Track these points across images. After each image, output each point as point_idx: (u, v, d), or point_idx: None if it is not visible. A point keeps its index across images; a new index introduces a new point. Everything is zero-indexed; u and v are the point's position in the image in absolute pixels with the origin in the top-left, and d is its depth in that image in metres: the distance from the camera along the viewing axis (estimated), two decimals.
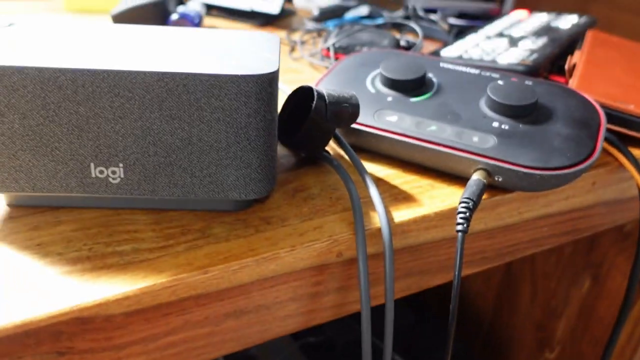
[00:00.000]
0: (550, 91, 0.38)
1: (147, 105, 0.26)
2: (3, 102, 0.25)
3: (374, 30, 0.54)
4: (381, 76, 0.39)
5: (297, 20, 0.69)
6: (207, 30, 0.35)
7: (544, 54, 0.50)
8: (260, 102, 0.26)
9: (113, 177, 0.27)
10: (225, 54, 0.28)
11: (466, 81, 0.40)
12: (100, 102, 0.25)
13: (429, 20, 0.65)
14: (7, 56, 0.25)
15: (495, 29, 0.59)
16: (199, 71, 0.25)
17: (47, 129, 0.26)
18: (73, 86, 0.25)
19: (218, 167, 0.27)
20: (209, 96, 0.26)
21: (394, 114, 0.37)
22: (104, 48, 0.28)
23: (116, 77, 0.25)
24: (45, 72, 0.25)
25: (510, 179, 0.33)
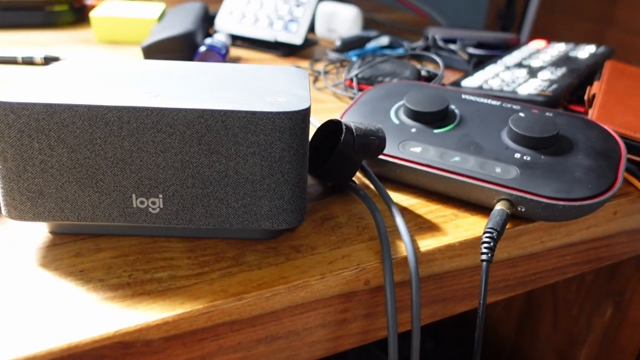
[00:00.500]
0: (571, 123, 0.39)
1: (187, 140, 0.27)
2: (54, 136, 0.27)
3: (395, 61, 0.56)
4: (405, 108, 0.40)
5: (319, 50, 0.71)
6: (239, 65, 0.36)
7: (563, 84, 0.51)
8: (294, 137, 0.28)
9: (153, 207, 0.29)
10: (258, 90, 0.30)
11: (488, 113, 0.41)
12: (144, 137, 0.27)
13: (449, 50, 0.66)
14: (57, 94, 0.27)
15: (515, 59, 0.60)
16: (237, 108, 0.27)
17: (93, 162, 0.27)
18: (119, 122, 0.27)
19: (252, 198, 0.29)
20: (245, 132, 0.27)
21: (418, 145, 0.38)
22: (146, 84, 0.30)
23: (159, 114, 0.27)
24: (94, 110, 0.26)
25: (533, 210, 0.34)
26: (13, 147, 0.27)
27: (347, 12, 0.71)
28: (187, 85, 0.30)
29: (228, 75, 0.33)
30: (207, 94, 0.29)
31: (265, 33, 0.66)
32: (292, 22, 0.66)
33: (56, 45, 0.67)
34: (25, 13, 0.72)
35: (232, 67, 0.35)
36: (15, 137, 0.27)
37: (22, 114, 0.26)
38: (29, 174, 0.28)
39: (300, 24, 0.65)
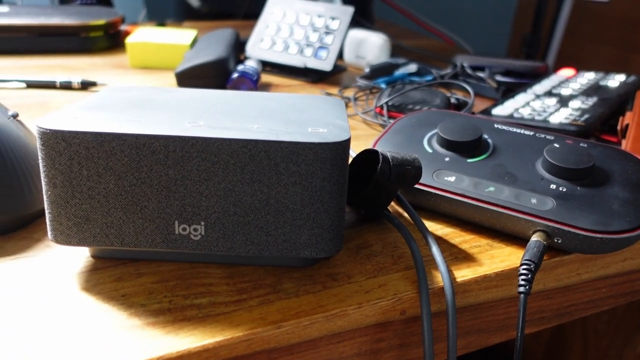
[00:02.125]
0: (606, 154, 0.39)
1: (230, 169, 0.28)
2: (102, 164, 0.28)
3: (425, 89, 0.56)
4: (438, 137, 0.41)
5: (348, 77, 0.72)
6: (275, 93, 0.37)
7: (595, 114, 0.50)
8: (334, 167, 0.28)
9: (195, 234, 0.29)
10: (299, 120, 0.30)
11: (521, 142, 0.41)
12: (188, 166, 0.28)
13: (477, 77, 0.67)
14: (106, 122, 0.28)
15: (544, 88, 0.60)
16: (280, 139, 0.27)
17: (139, 189, 0.28)
18: (165, 151, 0.27)
19: (292, 227, 0.29)
20: (287, 162, 0.28)
21: (452, 174, 0.38)
22: (189, 113, 0.30)
23: (204, 144, 0.27)
24: (141, 139, 0.27)
25: (570, 242, 0.34)
26: (62, 174, 0.28)
27: (376, 39, 0.72)
28: (228, 113, 0.31)
29: (267, 104, 0.34)
30: (249, 124, 0.29)
31: (296, 60, 0.67)
32: (322, 49, 0.67)
33: (92, 70, 0.69)
34: (62, 39, 0.74)
35: (269, 96, 0.36)
36: (65, 164, 0.28)
37: (73, 142, 0.27)
38: (76, 200, 0.28)
39: (330, 51, 0.66)
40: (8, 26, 0.71)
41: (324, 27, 0.68)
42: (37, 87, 0.61)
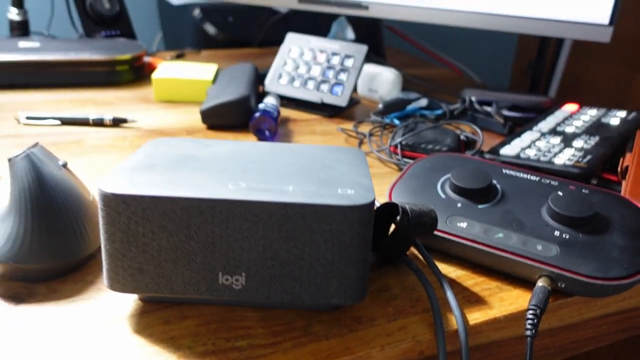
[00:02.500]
0: (607, 200, 0.43)
1: (269, 228, 0.31)
2: (156, 223, 0.31)
3: (436, 128, 0.60)
4: (451, 183, 0.44)
5: (361, 109, 0.76)
6: (303, 147, 0.41)
7: (597, 155, 0.54)
8: (362, 225, 0.32)
9: (236, 284, 0.33)
10: (328, 179, 0.34)
11: (528, 188, 0.44)
12: (232, 224, 0.31)
13: (485, 112, 0.70)
14: (159, 186, 0.32)
15: (549, 125, 0.64)
16: (314, 202, 0.31)
17: (188, 245, 0.32)
18: (212, 212, 0.31)
19: (323, 278, 0.32)
20: (320, 221, 0.31)
21: (464, 220, 0.41)
22: (231, 172, 0.34)
23: (246, 206, 0.31)
24: (191, 201, 0.31)
25: (572, 286, 0.37)
26: (121, 231, 0.32)
27: (388, 74, 0.76)
28: (265, 172, 0.35)
29: (298, 159, 0.37)
30: (284, 185, 0.33)
31: (313, 95, 0.71)
32: (337, 85, 0.71)
33: (120, 103, 0.73)
34: (90, 73, 0.78)
35: (298, 150, 0.40)
36: (123, 222, 0.31)
37: (131, 204, 0.31)
38: (132, 253, 0.32)
39: (345, 87, 0.70)
40: (41, 62, 0.75)
41: (340, 64, 0.72)
42: (71, 124, 0.64)
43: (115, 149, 0.59)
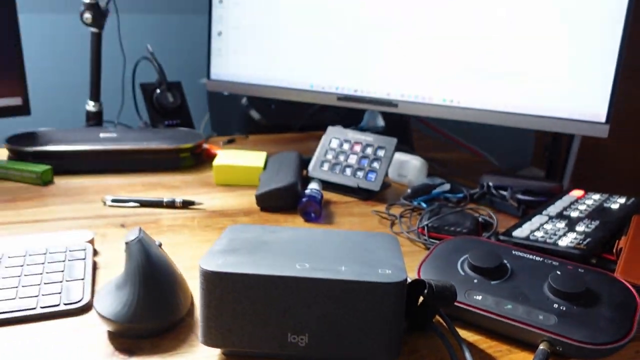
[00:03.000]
0: (598, 279, 0.52)
1: (327, 298, 0.42)
2: (242, 294, 0.42)
3: (458, 212, 0.70)
4: (469, 263, 0.54)
5: (392, 192, 0.87)
6: (347, 232, 0.51)
7: (596, 237, 0.63)
8: (397, 298, 0.42)
9: (301, 342, 0.43)
10: (371, 262, 0.44)
11: (533, 267, 0.54)
12: (300, 296, 0.42)
13: (501, 196, 0.80)
14: (245, 266, 0.43)
15: (557, 209, 0.73)
16: (362, 279, 0.41)
17: (265, 311, 0.42)
18: (285, 286, 0.42)
19: (366, 339, 0.42)
20: (366, 294, 0.41)
21: (479, 294, 0.51)
22: (296, 255, 0.45)
23: (312, 282, 0.41)
24: (270, 278, 0.41)
25: (568, 350, 0.46)
26: (216, 300, 0.42)
27: (415, 162, 0.87)
28: (322, 255, 0.45)
29: (346, 244, 0.48)
30: (338, 265, 0.43)
31: (350, 181, 0.83)
32: (371, 172, 0.82)
33: (185, 187, 0.85)
34: (158, 159, 0.92)
35: (345, 235, 0.50)
36: (218, 292, 0.42)
37: (224, 279, 0.42)
38: (223, 317, 0.43)
39: (378, 174, 0.82)
40: (119, 150, 0.89)
41: (373, 154, 0.83)
42: (148, 206, 0.77)
43: (186, 228, 0.71)
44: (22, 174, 0.84)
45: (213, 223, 0.73)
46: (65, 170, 0.88)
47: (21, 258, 0.57)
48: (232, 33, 0.99)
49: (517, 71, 0.82)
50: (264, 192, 0.76)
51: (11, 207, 0.75)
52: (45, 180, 0.84)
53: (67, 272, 0.56)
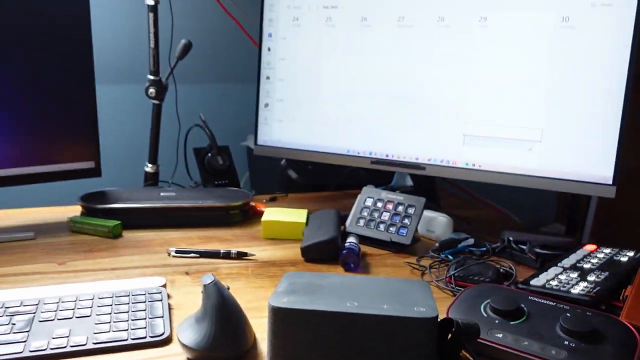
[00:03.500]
0: (604, 321, 0.60)
1: (373, 331, 0.51)
2: (303, 325, 0.52)
3: (481, 264, 0.79)
4: (490, 306, 0.63)
5: (421, 246, 0.96)
6: (389, 279, 0.61)
7: (604, 287, 0.71)
8: (431, 331, 0.51)
9: None
10: (409, 302, 0.54)
11: (546, 310, 0.62)
12: (351, 328, 0.51)
13: (520, 250, 0.89)
14: (304, 303, 0.52)
15: (571, 261, 0.82)
16: (403, 315, 0.51)
17: (323, 341, 0.52)
18: (339, 320, 0.51)
19: None
20: (404, 327, 0.51)
21: (500, 332, 0.60)
22: (346, 296, 0.55)
23: (361, 317, 0.51)
24: (326, 313, 0.51)
25: None
26: (282, 332, 0.52)
27: (442, 219, 0.97)
28: (367, 296, 0.55)
29: (385, 288, 0.58)
30: (381, 303, 0.53)
31: (384, 235, 0.93)
32: (403, 228, 0.92)
33: (236, 240, 0.96)
34: (211, 216, 1.03)
35: (384, 282, 0.60)
36: (283, 325, 0.52)
37: (289, 313, 0.52)
38: (287, 346, 0.52)
39: (409, 230, 0.91)
40: (178, 207, 1.01)
41: (404, 211, 0.94)
42: (207, 257, 0.88)
43: (242, 276, 0.81)
44: (96, 228, 0.96)
45: (264, 272, 0.83)
46: (132, 225, 1.00)
47: (109, 299, 0.68)
48: (277, 105, 1.12)
49: (530, 138, 0.93)
50: (308, 245, 0.87)
51: (90, 257, 0.87)
52: (116, 234, 0.96)
53: (149, 310, 0.66)
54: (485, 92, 0.96)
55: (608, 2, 0.85)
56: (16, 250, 0.89)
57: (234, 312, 0.60)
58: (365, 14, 1.03)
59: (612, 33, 0.86)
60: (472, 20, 0.95)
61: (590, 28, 0.87)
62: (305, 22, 1.08)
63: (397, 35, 1.01)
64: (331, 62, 1.07)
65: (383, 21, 1.02)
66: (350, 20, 1.04)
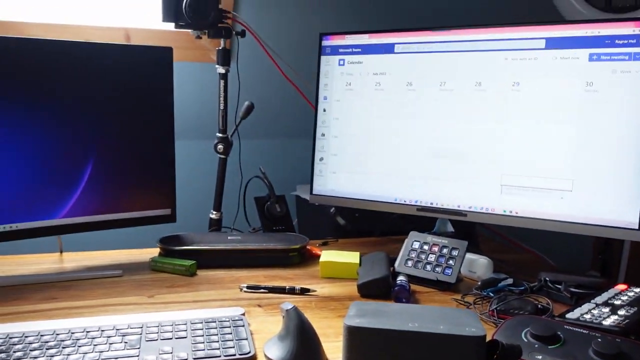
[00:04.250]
0: (632, 346, 0.69)
1: (432, 347, 0.62)
2: (373, 341, 0.63)
3: (521, 299, 0.89)
4: (530, 333, 0.73)
5: (464, 285, 1.06)
6: (440, 308, 0.72)
7: (633, 319, 0.80)
8: (480, 347, 0.61)
9: None
10: (461, 324, 0.64)
11: (580, 337, 0.72)
12: (413, 344, 0.62)
13: (556, 289, 0.98)
14: (373, 323, 0.64)
15: (603, 299, 0.91)
16: (455, 333, 0.61)
17: (387, 354, 0.63)
18: (405, 337, 0.62)
19: None
20: (458, 344, 0.61)
21: (539, 354, 0.69)
22: (407, 319, 0.65)
23: (422, 334, 0.62)
24: (394, 331, 0.62)
25: None
26: (355, 347, 0.63)
27: (483, 261, 1.07)
28: (425, 319, 0.66)
29: (439, 314, 0.68)
30: (438, 325, 0.64)
31: (430, 275, 1.03)
32: (447, 268, 1.03)
33: (296, 278, 1.08)
34: (272, 256, 1.16)
35: (438, 309, 0.71)
36: (355, 340, 0.63)
37: (362, 331, 0.63)
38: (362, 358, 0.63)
39: (453, 270, 1.02)
40: (245, 249, 1.14)
41: (448, 253, 1.04)
42: (274, 292, 1.00)
43: (307, 309, 0.92)
44: (175, 267, 1.10)
45: (326, 305, 0.94)
46: (204, 264, 1.13)
47: (200, 324, 0.80)
48: (331, 158, 1.26)
49: (562, 188, 1.04)
50: (364, 282, 0.98)
51: (173, 291, 1.00)
52: (192, 272, 1.09)
53: (234, 334, 0.78)
54: (520, 148, 1.07)
55: (627, 69, 0.97)
56: (108, 286, 1.03)
57: (311, 332, 0.71)
58: (411, 79, 1.17)
59: (632, 96, 0.97)
60: (506, 85, 1.08)
61: (612, 91, 0.99)
62: (357, 86, 1.23)
63: (439, 98, 1.15)
64: (380, 121, 1.21)
65: (426, 86, 1.16)
66: (397, 85, 1.19)
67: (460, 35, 1.12)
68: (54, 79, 1.03)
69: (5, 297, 0.95)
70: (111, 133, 1.10)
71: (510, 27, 1.08)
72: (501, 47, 1.08)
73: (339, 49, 1.25)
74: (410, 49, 1.17)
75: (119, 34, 1.39)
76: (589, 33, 1.01)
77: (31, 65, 1.00)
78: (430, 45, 1.15)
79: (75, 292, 0.99)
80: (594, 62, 1.01)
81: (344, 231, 1.51)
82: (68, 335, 0.76)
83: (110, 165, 1.11)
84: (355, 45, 1.23)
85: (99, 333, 0.77)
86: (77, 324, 0.80)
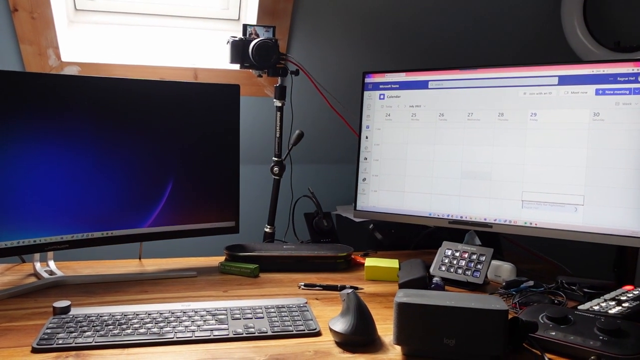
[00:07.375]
0: (630, 325, 0.85)
1: (466, 318, 0.79)
2: (418, 315, 0.80)
3: (539, 295, 1.05)
4: (546, 316, 0.89)
5: (491, 287, 1.22)
6: (471, 294, 0.89)
7: (635, 309, 0.96)
8: (503, 319, 0.78)
9: (451, 344, 0.79)
10: (488, 302, 0.81)
11: (588, 319, 0.88)
12: (450, 317, 0.79)
13: (571, 289, 1.14)
14: (420, 301, 0.81)
15: (611, 296, 1.06)
16: (485, 308, 0.78)
17: (430, 325, 0.80)
18: (442, 311, 0.79)
19: (486, 343, 0.78)
20: (486, 316, 0.78)
21: (553, 331, 0.86)
22: (444, 299, 0.83)
23: (458, 309, 0.79)
24: (434, 306, 0.80)
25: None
26: (404, 319, 0.81)
27: (507, 266, 1.23)
28: (458, 298, 0.83)
29: (469, 296, 0.85)
30: (470, 303, 0.81)
31: (461, 277, 1.20)
32: (476, 272, 1.19)
33: (343, 280, 1.25)
34: (322, 263, 1.33)
35: (469, 295, 0.88)
36: (405, 315, 0.80)
37: (410, 306, 0.80)
38: (407, 329, 0.80)
39: (481, 273, 1.18)
40: (300, 256, 1.32)
41: (477, 259, 1.21)
42: (328, 290, 1.17)
43: None
44: (241, 269, 1.29)
45: (373, 299, 1.11)
46: (264, 268, 1.32)
47: (273, 309, 0.99)
48: (372, 179, 1.45)
49: (575, 202, 1.20)
50: (405, 281, 1.15)
51: (242, 288, 1.18)
52: (255, 274, 1.28)
53: (302, 316, 0.96)
54: (538, 168, 1.25)
55: (628, 101, 1.15)
56: (187, 284, 1.22)
57: (367, 311, 0.89)
58: (442, 110, 1.36)
59: (632, 124, 1.14)
60: (525, 115, 1.26)
61: (616, 120, 1.16)
62: (395, 117, 1.42)
63: (467, 126, 1.33)
64: (415, 147, 1.40)
65: (456, 116, 1.34)
66: (430, 115, 1.38)
67: (485, 74, 1.32)
68: (143, 112, 1.25)
69: (108, 290, 1.15)
70: (188, 158, 1.31)
71: (528, 67, 1.27)
72: (520, 84, 1.27)
73: (380, 85, 1.45)
74: (442, 85, 1.37)
75: (188, 73, 1.62)
76: (595, 71, 1.19)
77: (126, 102, 1.22)
78: (459, 82, 1.35)
79: (161, 287, 1.18)
80: (600, 96, 1.18)
81: (380, 245, 1.68)
82: (169, 314, 0.95)
83: (187, 184, 1.31)
84: (394, 82, 1.43)
85: (193, 313, 0.96)
86: (174, 307, 0.99)
